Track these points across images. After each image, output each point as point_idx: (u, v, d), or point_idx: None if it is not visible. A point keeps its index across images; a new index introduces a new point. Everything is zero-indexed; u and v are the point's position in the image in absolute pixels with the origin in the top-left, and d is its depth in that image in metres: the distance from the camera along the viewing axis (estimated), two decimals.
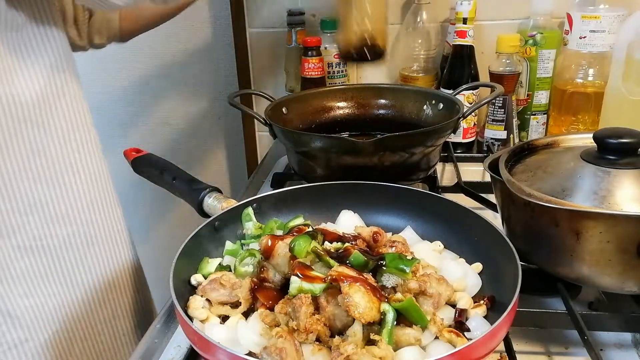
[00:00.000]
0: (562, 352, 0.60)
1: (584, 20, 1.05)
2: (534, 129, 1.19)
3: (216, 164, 1.60)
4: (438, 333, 0.52)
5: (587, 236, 0.56)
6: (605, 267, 0.57)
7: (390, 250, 0.62)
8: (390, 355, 0.48)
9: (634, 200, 0.57)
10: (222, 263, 0.66)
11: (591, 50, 1.06)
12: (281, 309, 0.52)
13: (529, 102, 1.17)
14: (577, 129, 1.10)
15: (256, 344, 0.52)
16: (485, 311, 0.57)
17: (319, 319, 0.50)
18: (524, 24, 1.16)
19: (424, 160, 0.88)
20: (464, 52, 1.11)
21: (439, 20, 1.23)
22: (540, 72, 1.14)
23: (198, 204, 0.77)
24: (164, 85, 1.54)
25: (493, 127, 1.09)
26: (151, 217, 1.64)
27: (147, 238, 1.60)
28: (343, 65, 1.23)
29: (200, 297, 0.59)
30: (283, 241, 0.58)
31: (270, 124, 0.90)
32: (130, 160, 0.89)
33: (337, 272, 0.52)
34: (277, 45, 1.34)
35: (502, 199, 0.67)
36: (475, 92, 1.10)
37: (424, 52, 1.20)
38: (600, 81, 1.07)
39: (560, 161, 0.66)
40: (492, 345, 0.49)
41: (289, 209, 0.74)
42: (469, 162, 1.08)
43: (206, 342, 0.48)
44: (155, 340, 0.64)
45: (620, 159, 0.60)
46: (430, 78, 1.22)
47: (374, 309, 0.50)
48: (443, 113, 0.96)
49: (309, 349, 0.49)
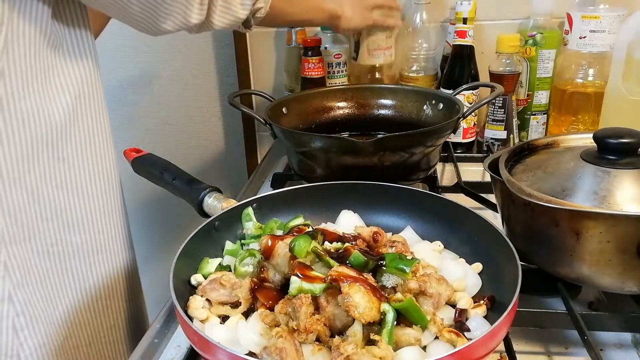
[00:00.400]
0: (562, 352, 0.60)
1: (584, 20, 1.05)
2: (534, 129, 1.19)
3: (216, 163, 1.60)
4: (438, 333, 0.52)
5: (587, 236, 0.56)
6: (605, 267, 0.57)
7: (390, 250, 0.62)
8: (390, 355, 0.48)
9: (634, 200, 0.57)
10: (222, 263, 0.66)
11: (591, 50, 1.06)
12: (281, 309, 0.52)
13: (529, 102, 1.17)
14: (577, 129, 1.10)
15: (256, 344, 0.52)
16: (485, 311, 0.57)
17: (319, 319, 0.50)
18: (524, 24, 1.16)
19: (424, 160, 0.88)
20: (464, 52, 1.11)
21: (439, 20, 1.23)
22: (540, 72, 1.14)
23: (198, 204, 0.77)
24: (164, 85, 1.54)
25: (493, 127, 1.09)
26: (151, 217, 1.64)
27: (147, 238, 1.60)
28: (343, 65, 1.23)
29: (200, 297, 0.59)
30: (283, 241, 0.58)
31: (270, 124, 0.90)
32: (130, 160, 0.89)
33: (337, 272, 0.52)
34: (277, 45, 1.34)
35: (502, 199, 0.67)
36: (475, 92, 1.10)
37: (424, 52, 1.20)
38: (600, 81, 1.07)
39: (560, 161, 0.66)
40: (492, 345, 0.49)
41: (289, 209, 0.74)
42: (469, 162, 1.08)
43: (206, 342, 0.48)
44: (155, 340, 0.64)
45: (620, 159, 0.60)
46: (430, 78, 1.22)
47: (374, 309, 0.50)
48: (443, 113, 0.96)
49: (309, 349, 0.49)
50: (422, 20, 1.19)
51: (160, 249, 1.55)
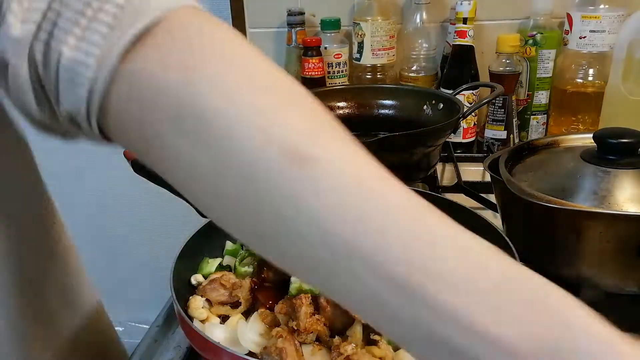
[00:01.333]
0: None
1: (584, 20, 1.05)
2: (534, 129, 1.19)
3: None
4: None
5: (587, 236, 0.56)
6: (605, 267, 0.57)
7: None
8: (390, 355, 0.48)
9: (634, 200, 0.57)
10: (222, 263, 0.66)
11: (591, 50, 1.06)
12: (281, 309, 0.52)
13: (529, 102, 1.17)
14: (577, 129, 1.10)
15: (256, 344, 0.52)
16: None
17: (319, 319, 0.50)
18: (524, 24, 1.16)
19: (424, 160, 0.88)
20: (464, 52, 1.11)
21: (439, 20, 1.23)
22: (540, 72, 1.14)
23: None
24: None
25: (493, 127, 1.09)
26: (151, 217, 1.64)
27: (147, 238, 1.60)
28: (343, 65, 1.23)
29: (200, 297, 0.59)
30: None
31: None
32: (130, 160, 0.89)
33: None
34: (277, 45, 1.34)
35: (502, 199, 0.67)
36: (475, 92, 1.10)
37: (424, 52, 1.20)
38: (600, 81, 1.07)
39: (560, 161, 0.66)
40: None
41: None
42: (469, 162, 1.08)
43: (206, 342, 0.48)
44: (155, 340, 0.64)
45: (620, 159, 0.60)
46: (430, 78, 1.21)
47: None
48: (443, 113, 0.96)
49: (309, 349, 0.49)
50: (422, 20, 1.19)
51: (160, 249, 1.55)
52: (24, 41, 0.30)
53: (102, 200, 1.55)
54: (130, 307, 1.61)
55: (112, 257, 1.60)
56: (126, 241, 1.60)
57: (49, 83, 0.31)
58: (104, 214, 1.57)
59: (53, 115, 0.33)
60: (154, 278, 1.11)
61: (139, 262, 1.60)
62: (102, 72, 0.29)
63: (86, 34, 0.30)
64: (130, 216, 1.58)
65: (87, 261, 0.65)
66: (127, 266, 1.62)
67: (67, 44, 0.30)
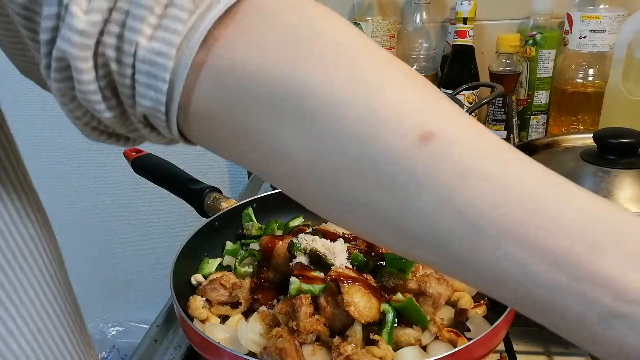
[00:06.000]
0: (562, 352, 0.60)
1: (584, 20, 1.05)
2: (534, 129, 1.19)
3: (216, 163, 1.60)
4: (438, 333, 0.52)
5: None
6: None
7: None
8: (390, 355, 0.48)
9: (634, 200, 0.57)
10: (222, 263, 0.66)
11: (591, 50, 1.06)
12: (281, 309, 0.52)
13: (529, 102, 1.17)
14: (577, 129, 1.10)
15: (256, 344, 0.52)
16: (485, 311, 0.56)
17: (319, 319, 0.50)
18: (524, 24, 1.16)
19: None
20: (464, 52, 1.11)
21: (439, 20, 1.23)
22: (540, 72, 1.14)
23: (198, 204, 0.77)
24: None
25: (493, 127, 1.09)
26: (151, 218, 1.64)
27: (147, 238, 1.60)
28: None
29: (200, 297, 0.59)
30: (283, 241, 0.58)
31: None
32: (130, 160, 0.89)
33: (337, 273, 0.52)
34: None
35: None
36: (475, 92, 1.10)
37: (424, 52, 1.20)
38: (600, 81, 1.07)
39: (560, 161, 0.66)
40: (492, 345, 0.49)
41: (289, 209, 0.74)
42: None
43: (206, 342, 0.48)
44: (155, 340, 0.64)
45: (620, 159, 0.61)
46: (430, 78, 1.21)
47: (373, 309, 0.50)
48: None
49: (309, 349, 0.49)
50: (422, 20, 1.19)
51: (160, 250, 1.55)
52: (89, 35, 0.26)
53: (102, 200, 1.55)
54: (130, 307, 1.61)
55: (112, 257, 1.60)
56: (126, 241, 1.60)
57: (123, 80, 0.27)
58: (104, 213, 1.57)
59: (122, 117, 0.29)
60: (154, 278, 1.11)
61: (139, 262, 1.60)
62: (184, 61, 0.26)
63: (163, 22, 0.26)
64: (130, 216, 1.57)
65: (87, 261, 0.65)
66: (127, 266, 1.62)
67: (143, 34, 0.26)
